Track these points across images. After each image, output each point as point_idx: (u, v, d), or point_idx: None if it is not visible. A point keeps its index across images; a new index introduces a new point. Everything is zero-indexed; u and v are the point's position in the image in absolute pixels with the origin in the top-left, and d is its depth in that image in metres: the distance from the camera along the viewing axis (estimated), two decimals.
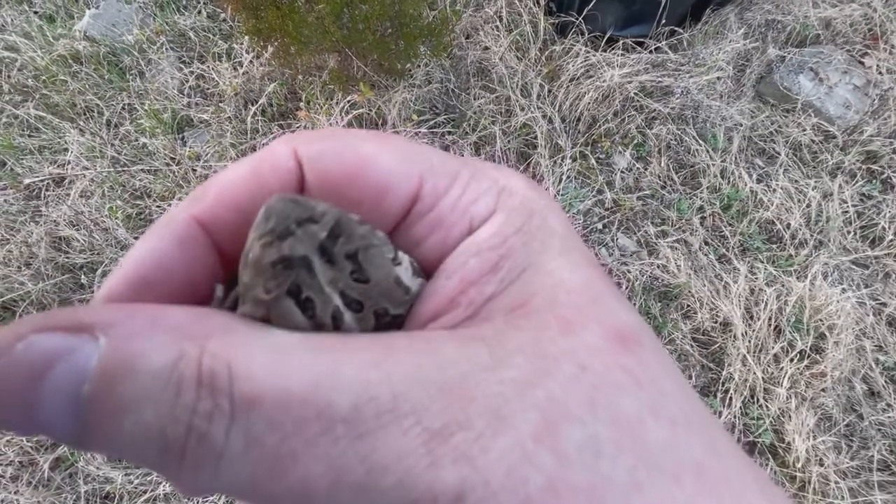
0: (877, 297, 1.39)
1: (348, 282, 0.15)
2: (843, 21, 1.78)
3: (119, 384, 0.11)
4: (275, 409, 0.12)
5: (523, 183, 0.18)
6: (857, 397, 1.27)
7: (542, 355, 0.14)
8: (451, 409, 0.13)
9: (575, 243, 0.17)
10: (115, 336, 0.12)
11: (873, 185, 1.55)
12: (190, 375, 0.12)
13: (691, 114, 1.57)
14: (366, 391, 0.13)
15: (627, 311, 0.16)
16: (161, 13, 1.71)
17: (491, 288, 0.16)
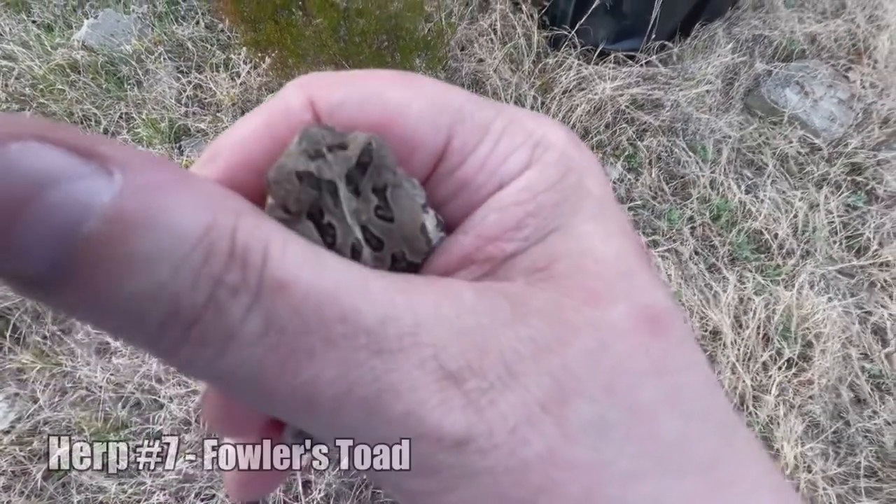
0: (862, 306, 1.42)
1: (372, 217, 0.15)
2: (827, 36, 1.83)
3: (132, 235, 0.09)
4: (303, 299, 0.11)
5: (563, 135, 0.16)
6: (843, 404, 1.29)
7: (562, 321, 0.14)
8: (468, 354, 0.13)
9: (612, 209, 0.16)
10: (136, 179, 0.09)
11: (858, 196, 1.59)
12: (222, 244, 0.10)
13: (681, 126, 1.61)
14: (393, 310, 0.12)
15: (660, 292, 0.15)
16: (159, 23, 1.73)
17: (512, 245, 0.15)
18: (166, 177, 0.10)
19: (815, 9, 1.94)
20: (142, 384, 1.22)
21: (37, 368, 1.22)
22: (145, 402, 1.22)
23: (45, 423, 1.18)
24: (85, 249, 0.09)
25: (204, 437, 1.18)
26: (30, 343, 1.27)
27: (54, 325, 1.30)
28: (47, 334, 1.29)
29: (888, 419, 1.28)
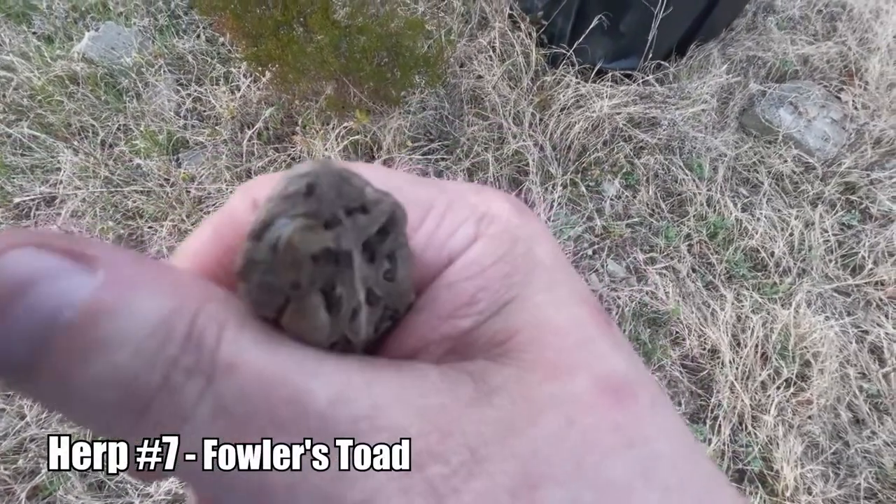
0: (859, 325, 1.42)
1: (378, 279, 0.14)
2: (819, 58, 1.87)
3: (105, 321, 0.10)
4: (251, 381, 0.11)
5: (507, 207, 0.16)
6: (842, 425, 1.29)
7: (526, 398, 0.13)
8: (429, 437, 0.12)
9: (564, 277, 0.16)
10: (116, 274, 0.11)
11: (852, 214, 1.60)
12: (181, 328, 0.11)
13: (678, 144, 1.62)
14: (346, 390, 0.12)
15: (621, 358, 0.15)
16: (160, 36, 1.74)
17: (468, 322, 0.15)
18: (144, 271, 0.11)
19: (807, 31, 1.98)
20: None
21: None
22: None
23: (32, 440, 1.15)
24: (59, 338, 0.10)
25: None
26: None
27: None
28: None
29: (887, 440, 1.27)
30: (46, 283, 0.10)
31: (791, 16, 2.01)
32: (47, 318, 0.10)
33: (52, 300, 0.10)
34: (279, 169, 1.49)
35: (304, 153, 1.48)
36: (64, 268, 0.10)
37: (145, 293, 0.11)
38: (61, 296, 0.10)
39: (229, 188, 1.46)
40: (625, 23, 1.52)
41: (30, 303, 0.10)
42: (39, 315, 0.10)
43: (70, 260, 0.10)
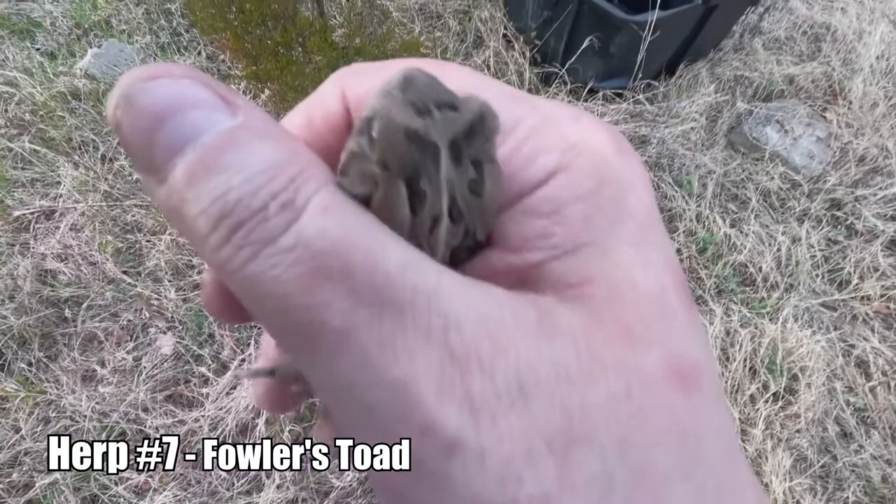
0: (845, 339, 1.44)
1: (464, 189, 0.14)
2: (805, 78, 1.92)
3: (231, 150, 0.12)
4: (334, 226, 0.12)
5: (605, 140, 0.14)
6: (830, 438, 1.30)
7: (592, 354, 0.12)
8: (481, 344, 0.11)
9: (656, 237, 0.14)
10: (251, 122, 0.13)
11: (838, 230, 1.64)
12: (289, 173, 0.12)
13: (667, 161, 1.66)
14: (418, 265, 0.12)
15: (697, 342, 0.13)
16: (162, 53, 1.77)
17: (538, 255, 0.14)
18: (273, 128, 0.13)
19: (793, 52, 2.04)
20: (128, 413, 1.21)
21: (20, 397, 1.20)
22: (130, 431, 1.20)
23: (26, 453, 1.15)
24: (193, 152, 0.12)
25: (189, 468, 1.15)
26: (14, 370, 1.26)
27: (40, 351, 1.28)
28: (33, 361, 1.27)
29: (874, 453, 1.29)
30: (200, 110, 0.12)
31: (777, 37, 2.08)
32: (190, 134, 0.12)
33: (199, 122, 0.12)
34: None
35: None
36: (216, 104, 0.12)
37: (268, 143, 0.12)
38: (206, 122, 0.12)
39: None
40: (615, 44, 1.57)
41: (184, 118, 0.12)
42: (187, 129, 0.12)
43: (223, 101, 0.13)
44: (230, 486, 1.15)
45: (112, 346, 1.30)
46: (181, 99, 0.12)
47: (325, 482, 1.16)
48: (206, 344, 1.31)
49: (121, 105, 0.12)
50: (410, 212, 0.13)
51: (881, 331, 1.46)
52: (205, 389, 1.25)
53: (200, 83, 0.13)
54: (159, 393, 1.24)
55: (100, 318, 1.33)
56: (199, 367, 1.28)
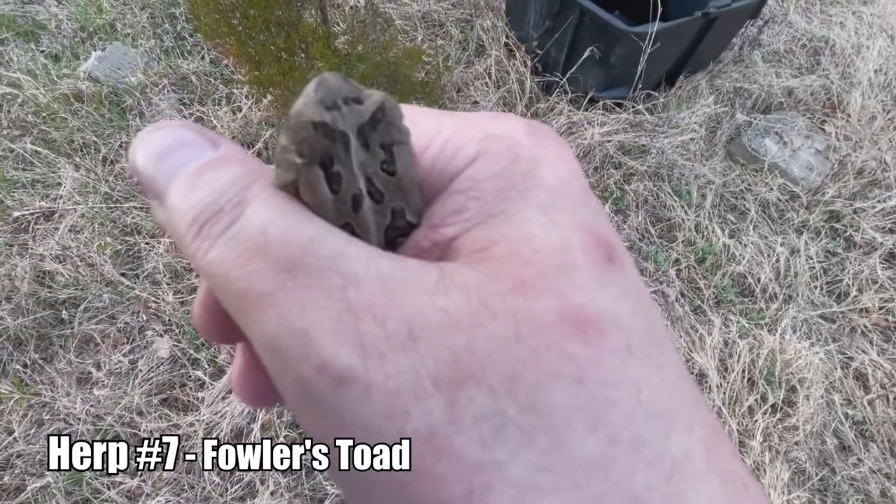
0: (844, 352, 1.44)
1: (377, 170, 0.15)
2: (804, 90, 1.94)
3: (208, 171, 0.16)
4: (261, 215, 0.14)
5: (519, 128, 0.16)
6: (829, 451, 1.30)
7: (483, 302, 0.13)
8: (376, 298, 0.13)
9: (568, 201, 0.15)
10: (227, 151, 0.16)
11: (837, 242, 1.64)
12: (241, 185, 0.15)
13: (667, 171, 1.67)
14: (325, 237, 0.14)
15: (606, 296, 0.14)
16: (165, 57, 1.79)
17: (453, 229, 0.15)
18: (239, 156, 0.16)
19: (792, 64, 2.06)
20: (122, 416, 1.20)
21: (14, 399, 1.19)
22: (124, 435, 1.19)
23: (19, 456, 1.14)
24: (182, 177, 0.16)
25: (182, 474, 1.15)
26: (9, 371, 1.25)
27: (36, 352, 1.28)
28: (28, 362, 1.26)
29: (873, 467, 1.28)
30: (188, 148, 0.16)
31: (776, 50, 2.09)
32: (179, 166, 0.16)
33: (186, 157, 0.16)
34: None
35: None
36: (202, 143, 0.16)
37: (233, 166, 0.16)
38: (193, 155, 0.16)
39: None
40: (615, 54, 1.58)
41: (177, 154, 0.16)
42: (176, 163, 0.16)
43: (208, 141, 0.16)
44: (223, 492, 1.14)
45: (108, 349, 1.30)
46: (175, 141, 0.16)
47: (320, 489, 1.15)
48: (203, 348, 1.30)
49: (133, 151, 0.16)
50: (330, 191, 0.15)
51: (880, 343, 1.46)
52: (200, 394, 1.24)
53: (191, 130, 0.16)
54: (154, 396, 1.23)
55: (97, 320, 1.33)
56: (196, 370, 1.27)
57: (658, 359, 0.14)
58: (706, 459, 0.13)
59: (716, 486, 0.13)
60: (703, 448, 0.13)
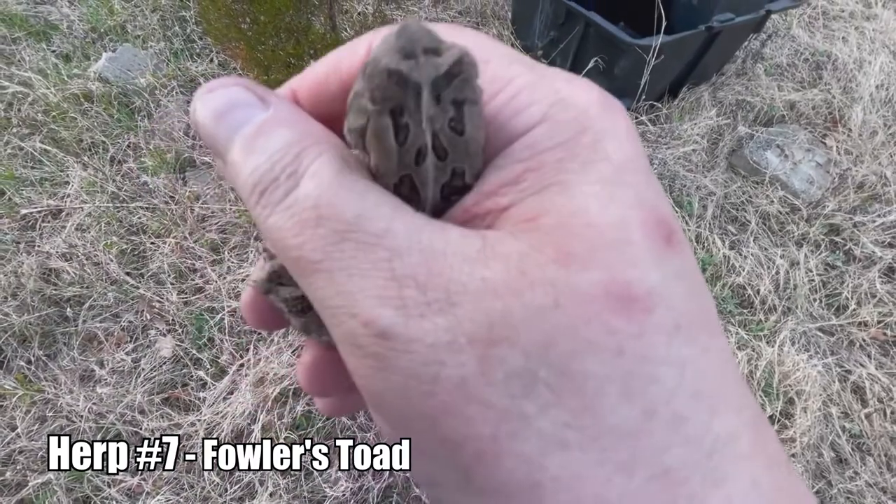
0: (842, 365, 1.45)
1: (445, 126, 0.15)
2: (805, 104, 1.96)
3: (260, 137, 0.16)
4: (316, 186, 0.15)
5: (592, 97, 0.15)
6: (825, 464, 1.30)
7: (521, 271, 0.13)
8: (418, 268, 0.14)
9: (632, 178, 0.14)
10: (277, 113, 0.17)
11: (836, 255, 1.65)
12: (294, 151, 0.16)
13: (668, 182, 1.68)
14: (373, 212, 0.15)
15: (657, 272, 0.13)
16: (175, 59, 1.81)
17: (507, 199, 0.15)
18: (292, 116, 0.17)
19: (794, 78, 2.08)
20: (124, 415, 1.21)
21: (18, 395, 1.20)
22: (126, 433, 1.20)
23: (21, 452, 1.15)
24: (238, 139, 0.17)
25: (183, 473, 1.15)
26: (13, 367, 1.26)
27: (40, 349, 1.29)
28: (32, 359, 1.27)
29: (869, 480, 1.29)
30: (242, 108, 0.17)
31: (779, 63, 2.11)
32: (236, 127, 0.17)
33: (242, 118, 0.17)
34: None
35: None
36: (254, 102, 0.17)
37: (285, 128, 0.17)
38: (247, 116, 0.17)
39: (233, 208, 1.50)
40: (619, 66, 1.60)
41: (233, 115, 0.17)
42: (233, 124, 0.17)
43: (259, 100, 0.17)
44: (223, 492, 1.14)
45: (112, 347, 1.31)
46: (229, 102, 0.17)
47: (318, 491, 1.16)
48: (206, 348, 1.31)
49: (194, 111, 0.18)
50: (396, 142, 0.15)
51: (878, 357, 1.47)
52: (202, 394, 1.25)
53: (244, 88, 0.17)
54: (156, 395, 1.24)
55: (101, 318, 1.34)
56: (198, 370, 1.28)
57: (707, 342, 0.13)
58: (753, 441, 0.13)
59: (761, 468, 0.13)
60: (751, 430, 0.13)
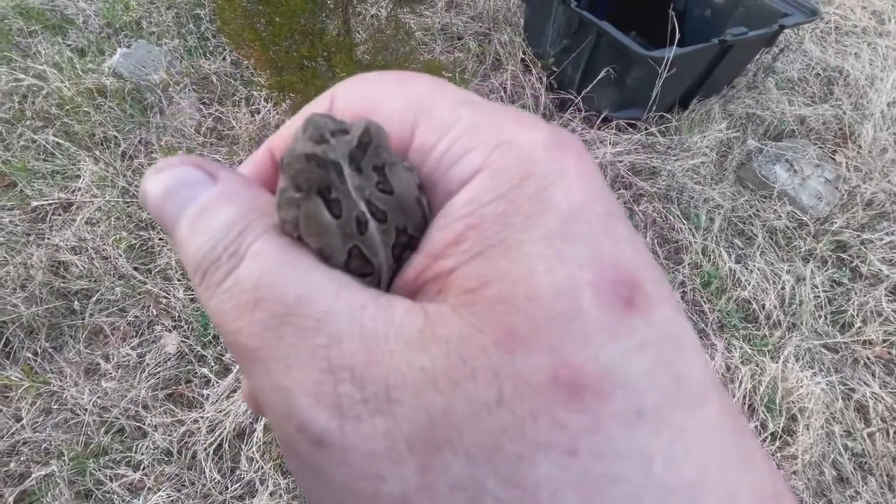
0: (846, 383, 1.44)
1: (374, 191, 0.16)
2: (815, 119, 1.95)
3: (205, 216, 0.16)
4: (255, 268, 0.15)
5: (538, 137, 0.14)
6: (826, 482, 1.30)
7: (462, 359, 0.12)
8: (357, 357, 0.13)
9: (583, 230, 0.13)
10: (224, 189, 0.17)
11: (843, 272, 1.64)
12: (237, 229, 0.16)
13: (676, 194, 1.68)
14: (313, 295, 0.14)
15: (612, 348, 0.12)
16: (188, 56, 1.82)
17: (450, 262, 0.14)
18: (239, 190, 0.17)
19: (805, 93, 2.07)
20: (128, 409, 1.22)
21: (24, 387, 1.21)
22: (129, 428, 1.20)
23: (25, 443, 1.16)
24: (185, 219, 0.16)
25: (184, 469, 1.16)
26: (20, 358, 1.27)
27: (47, 341, 1.30)
28: (39, 350, 1.28)
29: (870, 500, 1.28)
30: (189, 186, 0.17)
31: (790, 77, 2.11)
32: (183, 206, 0.16)
33: (189, 196, 0.16)
34: None
35: None
36: (201, 180, 0.17)
37: (231, 205, 0.16)
38: (193, 195, 0.16)
39: None
40: (631, 76, 1.60)
41: (180, 194, 0.17)
42: (180, 203, 0.16)
43: (207, 175, 0.17)
44: (223, 490, 1.15)
45: (117, 342, 1.32)
46: (176, 181, 0.17)
47: None
48: (210, 345, 1.32)
49: (143, 191, 0.17)
50: (332, 217, 0.16)
51: (882, 376, 1.46)
52: (206, 391, 1.26)
53: (192, 166, 0.17)
54: (160, 391, 1.25)
55: (107, 312, 1.35)
56: (202, 367, 1.29)
57: (685, 420, 0.12)
58: None
59: None
60: None
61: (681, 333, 0.13)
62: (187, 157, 0.17)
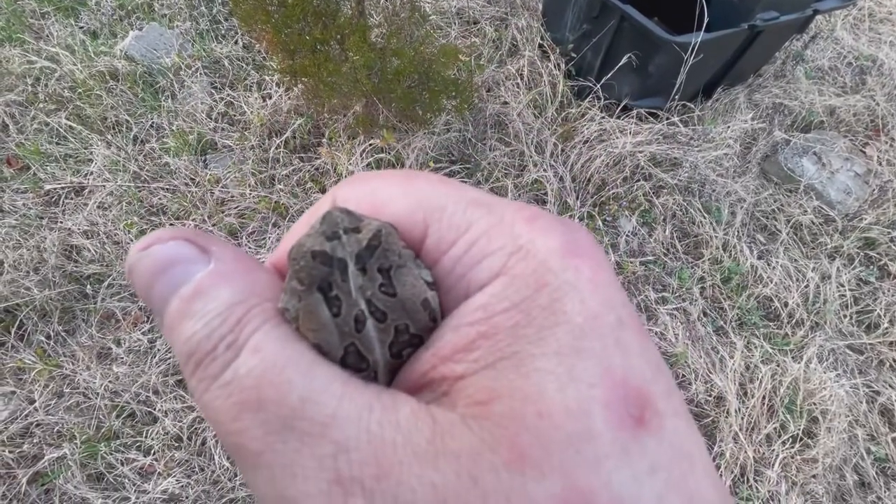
0: (870, 385, 1.39)
1: (376, 292, 0.16)
2: (846, 110, 1.87)
3: (198, 298, 0.15)
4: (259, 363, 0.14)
5: (554, 244, 0.14)
6: (847, 487, 1.26)
7: (473, 478, 0.12)
8: (367, 468, 0.12)
9: (595, 344, 0.13)
10: (220, 267, 0.16)
11: (870, 270, 1.58)
12: (236, 316, 0.15)
13: (698, 187, 1.62)
14: (319, 395, 0.13)
15: (625, 471, 0.12)
16: (200, 40, 1.80)
17: (461, 368, 0.14)
18: (236, 268, 0.16)
19: (836, 82, 1.99)
20: (139, 394, 1.22)
21: (37, 370, 1.22)
22: (140, 413, 1.21)
23: (38, 425, 1.17)
24: (176, 301, 0.15)
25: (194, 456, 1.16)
26: (33, 341, 1.28)
27: (60, 324, 1.30)
28: (52, 334, 1.29)
29: None
30: (181, 265, 0.15)
31: (820, 66, 2.02)
32: (174, 286, 0.15)
33: (180, 275, 0.15)
34: (303, 177, 1.52)
35: (329, 166, 1.50)
36: (194, 256, 0.16)
37: (227, 286, 0.15)
38: (185, 274, 0.15)
39: (253, 193, 1.49)
40: (654, 63, 1.54)
41: (169, 274, 0.15)
42: (171, 283, 0.15)
43: (199, 251, 0.16)
44: (232, 476, 1.15)
45: (128, 326, 1.32)
46: (167, 259, 0.16)
47: None
48: None
49: (130, 268, 0.16)
50: (331, 314, 0.16)
51: None
52: None
53: (183, 240, 0.16)
54: (171, 377, 1.25)
55: (119, 297, 1.35)
56: None
57: None
58: None
59: None
60: None
61: (692, 448, 0.13)
62: (177, 230, 0.16)
